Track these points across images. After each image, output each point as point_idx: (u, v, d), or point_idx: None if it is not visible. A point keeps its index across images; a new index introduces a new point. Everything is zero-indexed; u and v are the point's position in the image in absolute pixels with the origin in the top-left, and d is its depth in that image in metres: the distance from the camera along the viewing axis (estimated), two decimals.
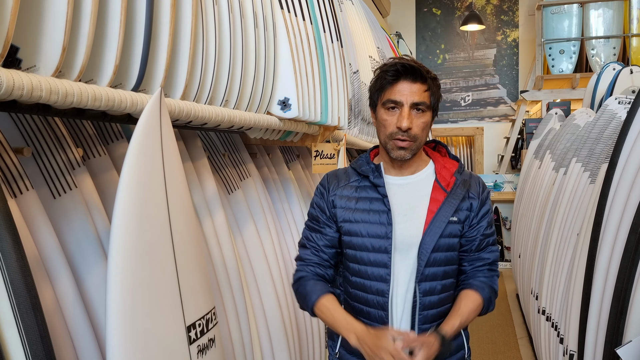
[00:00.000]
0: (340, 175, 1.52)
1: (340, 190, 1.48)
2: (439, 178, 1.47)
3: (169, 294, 1.13)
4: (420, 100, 1.37)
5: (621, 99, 2.35)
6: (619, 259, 1.68)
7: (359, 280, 1.45)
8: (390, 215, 1.41)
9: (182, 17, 1.28)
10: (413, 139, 1.38)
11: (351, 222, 1.45)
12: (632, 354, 1.43)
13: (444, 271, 1.44)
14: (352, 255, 1.45)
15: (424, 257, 1.40)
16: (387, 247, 1.40)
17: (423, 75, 1.38)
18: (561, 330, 2.43)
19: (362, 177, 1.48)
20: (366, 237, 1.43)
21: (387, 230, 1.41)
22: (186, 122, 1.41)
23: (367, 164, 1.49)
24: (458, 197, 1.44)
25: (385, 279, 1.41)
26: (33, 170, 1.22)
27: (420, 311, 1.41)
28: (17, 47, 0.92)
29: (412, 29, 7.83)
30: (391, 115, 1.39)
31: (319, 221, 1.50)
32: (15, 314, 0.89)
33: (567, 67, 5.95)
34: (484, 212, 1.48)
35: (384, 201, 1.42)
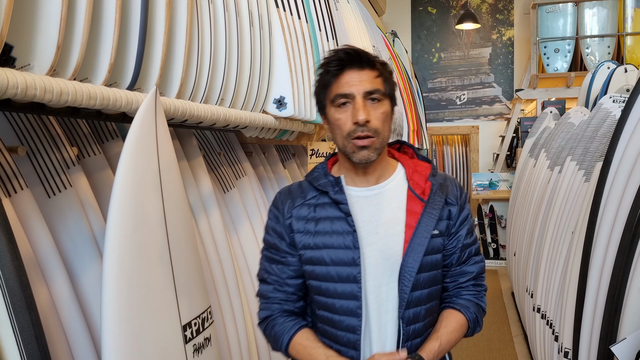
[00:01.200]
0: (294, 192, 1.29)
1: (297, 210, 1.26)
2: (412, 185, 1.26)
3: (164, 293, 1.13)
4: (373, 87, 1.18)
5: (615, 98, 2.36)
6: (613, 256, 1.69)
7: (326, 314, 1.24)
8: (356, 237, 1.20)
9: (177, 16, 1.28)
10: (374, 133, 1.17)
11: (312, 248, 1.23)
12: (626, 351, 1.44)
13: (428, 293, 1.24)
14: (316, 286, 1.25)
15: (407, 281, 1.19)
16: (356, 275, 1.19)
17: (371, 60, 1.20)
18: (556, 328, 2.44)
19: (321, 192, 1.26)
20: (330, 265, 1.21)
21: (353, 255, 1.19)
22: (181, 120, 1.41)
23: (325, 176, 1.27)
24: (438, 207, 1.24)
25: (355, 313, 1.20)
26: (27, 169, 1.22)
27: (404, 342, 1.22)
28: (11, 45, 0.91)
29: (407, 27, 7.83)
30: (344, 112, 1.18)
31: (278, 249, 1.28)
32: (9, 313, 0.88)
33: (562, 65, 5.97)
34: (463, 218, 1.29)
35: (347, 220, 1.21)
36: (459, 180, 8.37)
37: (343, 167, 1.28)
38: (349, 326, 1.21)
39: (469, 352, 3.68)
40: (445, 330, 1.24)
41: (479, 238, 6.64)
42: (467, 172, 8.34)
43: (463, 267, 1.30)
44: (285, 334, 1.25)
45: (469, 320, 1.28)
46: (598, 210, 1.85)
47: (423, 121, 6.40)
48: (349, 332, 1.22)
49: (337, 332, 1.23)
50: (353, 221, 1.21)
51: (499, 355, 3.65)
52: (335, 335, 1.24)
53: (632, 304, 1.53)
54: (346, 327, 1.22)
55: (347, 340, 1.22)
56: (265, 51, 1.76)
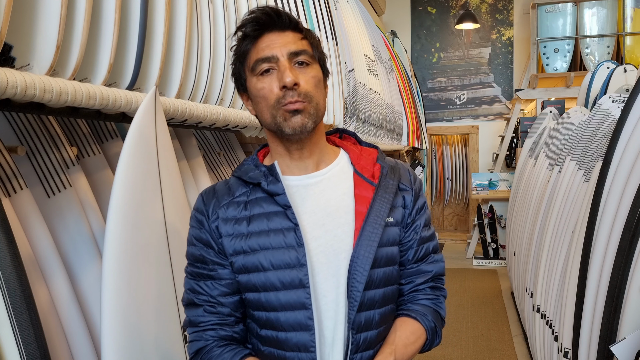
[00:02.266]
0: (219, 191, 1.08)
1: (223, 210, 1.04)
2: (358, 168, 1.09)
3: (164, 293, 1.13)
4: (299, 48, 1.01)
5: (615, 98, 2.36)
6: (613, 256, 1.69)
7: (270, 333, 1.02)
8: (299, 232, 0.99)
9: (177, 16, 1.28)
10: (306, 98, 0.99)
11: (245, 252, 1.01)
12: (626, 351, 1.44)
13: (383, 294, 1.04)
14: (254, 299, 1.02)
15: (360, 276, 0.99)
16: (303, 278, 0.98)
17: (293, 21, 1.03)
18: (556, 327, 2.44)
19: (252, 186, 1.06)
20: (270, 269, 1.00)
21: (297, 254, 0.99)
22: (181, 120, 1.40)
23: (256, 167, 1.08)
24: (391, 190, 1.07)
25: (306, 326, 0.98)
26: (27, 169, 1.22)
27: (353, 354, 0.99)
28: (11, 45, 0.91)
29: (407, 27, 7.84)
30: (267, 80, 1.00)
31: (205, 262, 1.05)
32: (9, 313, 0.88)
33: (562, 65, 5.98)
34: (419, 206, 1.11)
35: (287, 213, 1.01)
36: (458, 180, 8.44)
37: (276, 153, 1.08)
38: (299, 344, 0.99)
39: (468, 352, 3.68)
40: (401, 343, 1.03)
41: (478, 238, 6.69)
42: (466, 172, 8.35)
43: (420, 265, 1.12)
44: None
45: (427, 330, 1.08)
46: (597, 210, 1.85)
47: (422, 121, 6.41)
48: (300, 352, 0.99)
49: (286, 354, 1.00)
50: (294, 214, 1.01)
51: (499, 355, 3.65)
52: (283, 358, 1.01)
53: (631, 304, 1.53)
54: (296, 346, 0.99)
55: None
56: None
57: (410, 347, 1.05)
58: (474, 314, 4.45)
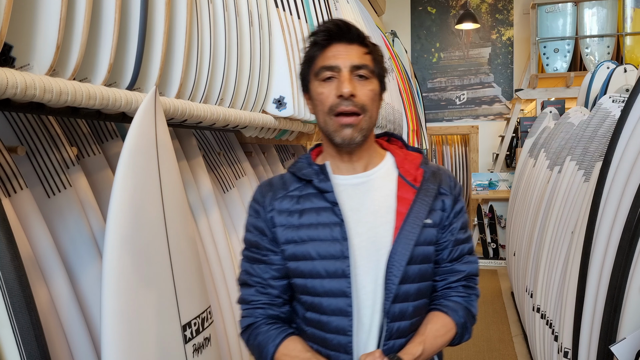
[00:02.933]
0: (275, 184, 1.20)
1: (278, 203, 1.16)
2: (402, 172, 1.18)
3: (164, 293, 1.13)
4: (362, 62, 1.10)
5: (615, 98, 2.36)
6: (613, 256, 1.69)
7: (314, 315, 1.13)
8: (344, 228, 1.10)
9: (177, 16, 1.28)
10: (361, 110, 1.09)
11: (296, 242, 1.13)
12: (626, 351, 1.44)
13: (417, 289, 1.14)
14: (301, 285, 1.14)
15: (396, 271, 1.09)
16: (345, 269, 1.09)
17: (361, 36, 1.13)
18: (556, 327, 2.44)
19: (305, 182, 1.17)
20: (317, 259, 1.11)
21: (342, 247, 1.10)
22: (181, 120, 1.40)
23: (309, 165, 1.19)
24: (431, 194, 1.16)
25: (346, 312, 1.10)
26: (27, 169, 1.22)
27: (386, 340, 1.10)
28: (11, 45, 0.91)
29: (407, 27, 7.83)
30: (327, 86, 1.11)
31: (259, 247, 1.17)
32: (9, 313, 0.88)
33: (562, 65, 5.98)
34: (457, 210, 1.20)
35: (334, 210, 1.12)
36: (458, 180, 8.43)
37: (328, 154, 1.20)
38: (339, 327, 1.11)
39: (468, 352, 3.68)
40: (431, 335, 1.13)
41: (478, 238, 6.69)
42: (466, 172, 8.34)
43: (454, 264, 1.20)
44: (270, 343, 1.13)
45: (456, 325, 1.17)
46: (597, 210, 1.85)
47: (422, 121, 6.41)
48: (339, 334, 1.11)
49: (326, 335, 1.12)
50: (340, 211, 1.11)
51: (499, 355, 3.65)
52: (324, 338, 1.12)
53: (631, 304, 1.53)
54: (335, 329, 1.11)
55: (337, 343, 1.11)
56: (264, 51, 1.76)
57: (439, 339, 1.15)
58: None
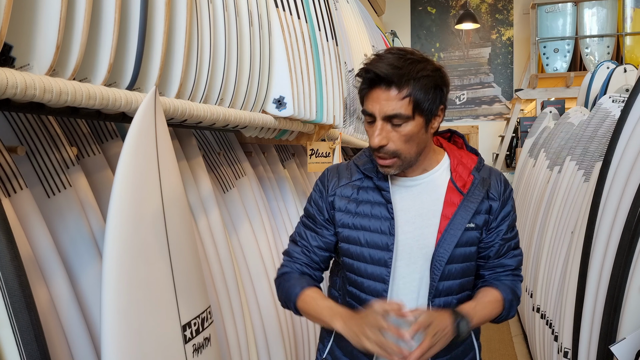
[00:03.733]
0: (341, 172, 1.35)
1: (341, 189, 1.31)
2: (454, 177, 1.29)
3: (164, 293, 1.13)
4: (394, 112, 1.15)
5: (615, 98, 2.36)
6: (612, 256, 1.69)
7: (355, 291, 1.30)
8: (393, 224, 1.24)
9: (177, 16, 1.28)
10: (393, 155, 1.20)
11: (350, 228, 1.29)
12: (626, 351, 1.44)
13: (460, 284, 1.28)
14: (349, 264, 1.30)
15: (437, 270, 1.23)
16: (387, 260, 1.24)
17: (401, 79, 1.14)
18: (555, 327, 2.44)
19: (365, 176, 1.31)
20: (365, 246, 1.26)
21: (388, 241, 1.24)
22: (181, 120, 1.40)
23: (371, 161, 1.31)
24: (476, 200, 1.26)
25: (381, 295, 1.25)
26: (27, 169, 1.22)
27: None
28: (11, 45, 0.91)
29: (407, 27, 7.84)
30: (370, 127, 1.22)
31: (315, 221, 1.35)
32: (9, 313, 0.88)
33: (562, 65, 5.98)
34: (504, 214, 1.31)
35: (387, 207, 1.26)
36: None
37: None
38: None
39: None
40: (483, 300, 1.27)
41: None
42: None
43: (502, 259, 1.33)
44: (298, 287, 1.29)
45: (504, 300, 1.29)
46: (597, 210, 1.85)
47: None
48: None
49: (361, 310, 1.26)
50: (392, 209, 1.25)
51: (499, 355, 3.65)
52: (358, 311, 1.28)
53: (631, 304, 1.53)
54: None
55: None
56: (264, 51, 1.76)
57: (489, 305, 1.28)
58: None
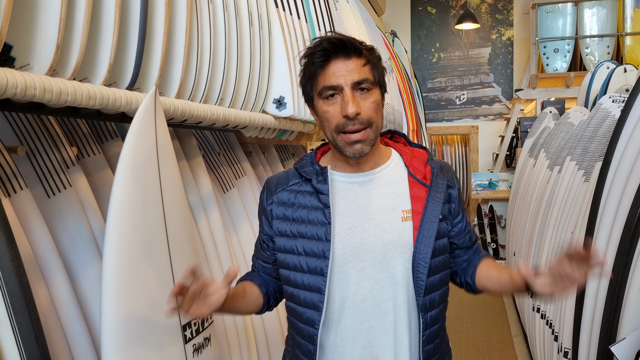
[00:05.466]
0: (281, 178, 1.27)
1: (278, 195, 1.24)
2: (412, 170, 1.23)
3: (164, 293, 1.13)
4: (362, 77, 1.12)
5: (615, 98, 2.36)
6: (613, 256, 1.69)
7: (292, 305, 1.23)
8: (329, 230, 1.15)
9: (177, 16, 1.28)
10: (367, 124, 1.13)
11: (287, 236, 1.21)
12: (626, 351, 1.44)
13: (440, 278, 1.22)
14: (285, 276, 1.23)
15: (422, 268, 1.16)
16: (323, 268, 1.15)
17: (357, 47, 1.13)
18: (556, 327, 2.44)
19: (304, 180, 1.23)
20: (302, 254, 1.18)
21: (324, 247, 1.16)
22: (181, 120, 1.40)
23: (312, 164, 1.24)
24: (442, 190, 1.22)
25: (317, 305, 1.17)
26: (27, 169, 1.22)
27: (424, 330, 1.19)
28: (11, 45, 0.91)
29: (407, 27, 7.83)
30: (332, 105, 1.14)
31: (263, 232, 1.28)
32: (9, 313, 0.88)
33: (562, 65, 5.97)
34: (461, 201, 1.29)
35: (324, 212, 1.17)
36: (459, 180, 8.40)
37: (334, 157, 1.24)
38: (309, 319, 1.18)
39: (468, 352, 3.68)
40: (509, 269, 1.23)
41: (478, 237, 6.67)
42: (466, 172, 8.34)
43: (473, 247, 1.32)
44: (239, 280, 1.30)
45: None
46: (597, 210, 1.85)
47: (422, 121, 6.40)
48: (308, 325, 1.19)
49: (300, 325, 1.21)
50: (330, 213, 1.16)
51: (499, 355, 3.65)
52: (298, 327, 1.22)
53: (631, 304, 1.53)
54: (306, 320, 1.19)
55: (306, 333, 1.20)
56: (264, 51, 1.76)
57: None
58: (474, 314, 4.45)
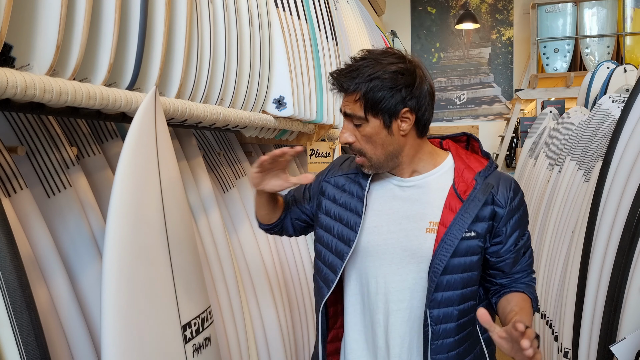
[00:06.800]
0: (345, 163, 1.37)
1: (336, 178, 1.33)
2: (457, 182, 1.23)
3: (164, 293, 1.13)
4: (349, 111, 1.18)
5: (615, 98, 2.36)
6: (613, 256, 1.69)
7: (315, 276, 1.35)
8: (359, 222, 1.24)
9: (177, 16, 1.28)
10: (359, 152, 1.20)
11: (330, 217, 1.30)
12: (626, 351, 1.44)
13: (461, 295, 1.21)
14: (318, 251, 1.33)
15: (432, 281, 1.18)
16: (344, 254, 1.24)
17: (348, 85, 1.15)
18: (556, 327, 2.44)
19: (360, 171, 1.30)
20: (335, 236, 1.28)
21: (351, 236, 1.24)
22: (181, 120, 1.40)
23: None
24: (476, 207, 1.19)
25: (328, 285, 1.27)
26: (27, 169, 1.22)
27: (434, 340, 1.20)
28: (11, 45, 0.91)
29: (407, 27, 7.83)
30: None
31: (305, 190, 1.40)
32: (9, 313, 0.88)
33: (562, 65, 5.98)
34: (514, 223, 1.23)
35: (360, 205, 1.26)
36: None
37: None
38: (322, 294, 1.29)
39: None
40: (524, 308, 1.20)
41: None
42: None
43: (517, 267, 1.27)
44: None
45: (532, 300, 1.25)
46: (597, 210, 1.85)
47: None
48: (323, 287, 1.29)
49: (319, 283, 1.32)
50: (363, 208, 1.25)
51: (499, 355, 3.64)
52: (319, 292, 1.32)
53: (631, 304, 1.53)
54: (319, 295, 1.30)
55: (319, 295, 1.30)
56: (264, 51, 1.76)
57: (529, 314, 1.22)
58: None
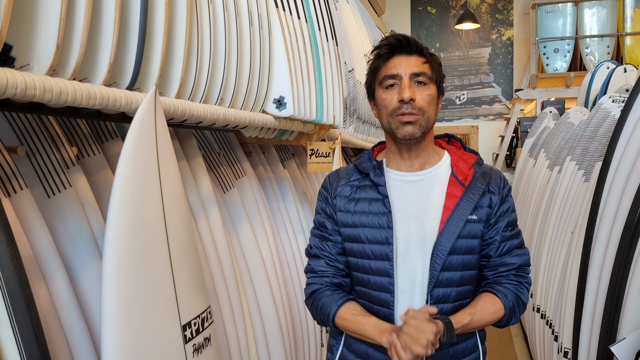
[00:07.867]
0: (341, 174, 1.40)
1: (341, 189, 1.35)
2: (455, 171, 1.32)
3: (164, 293, 1.13)
4: (420, 70, 1.25)
5: (615, 98, 2.36)
6: (613, 256, 1.69)
7: (363, 289, 1.33)
8: (390, 218, 1.27)
9: (177, 16, 1.28)
10: (419, 112, 1.24)
11: (350, 226, 1.32)
12: (626, 351, 1.44)
13: (460, 276, 1.28)
14: (354, 263, 1.34)
15: (439, 260, 1.24)
16: (389, 253, 1.26)
17: (419, 47, 1.27)
18: (556, 327, 2.44)
19: (364, 175, 1.35)
20: (366, 243, 1.29)
21: (387, 235, 1.27)
22: (181, 120, 1.40)
23: (369, 160, 1.37)
24: (477, 192, 1.28)
25: (388, 289, 1.28)
26: (27, 169, 1.22)
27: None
28: (11, 45, 0.91)
29: (407, 27, 7.84)
30: (390, 92, 1.27)
31: (327, 228, 1.37)
32: (9, 313, 0.88)
33: (562, 65, 5.98)
34: (503, 210, 1.32)
35: (384, 202, 1.29)
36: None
37: (389, 151, 1.36)
38: (383, 301, 1.29)
39: None
40: (480, 310, 1.26)
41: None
42: None
43: (503, 258, 1.32)
44: (333, 304, 1.31)
45: (505, 306, 1.28)
46: (597, 210, 1.85)
47: None
48: (383, 307, 1.29)
49: (374, 307, 1.30)
50: (389, 203, 1.28)
51: (499, 355, 3.65)
52: (372, 309, 1.31)
53: (631, 304, 1.53)
54: (380, 302, 1.29)
55: (382, 314, 1.29)
56: (264, 51, 1.76)
57: (487, 316, 1.28)
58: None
